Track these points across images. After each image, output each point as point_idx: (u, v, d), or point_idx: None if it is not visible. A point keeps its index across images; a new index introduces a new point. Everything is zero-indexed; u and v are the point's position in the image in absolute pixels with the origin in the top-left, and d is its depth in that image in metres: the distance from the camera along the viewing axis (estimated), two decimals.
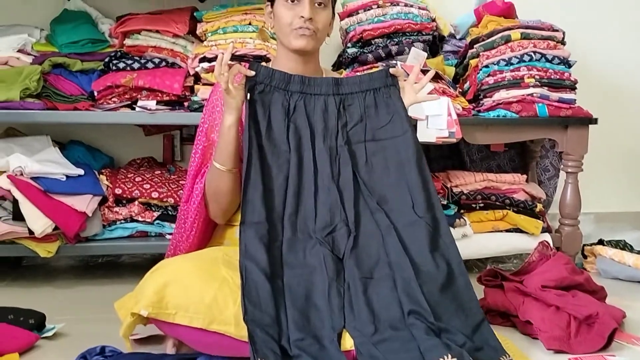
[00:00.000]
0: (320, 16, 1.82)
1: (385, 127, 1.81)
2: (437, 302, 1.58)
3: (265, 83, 1.76)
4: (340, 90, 1.82)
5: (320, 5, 1.81)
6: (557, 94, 2.52)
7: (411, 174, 1.76)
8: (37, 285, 2.38)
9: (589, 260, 2.67)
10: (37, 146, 2.42)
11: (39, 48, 2.45)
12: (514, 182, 2.63)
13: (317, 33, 1.82)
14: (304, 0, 1.78)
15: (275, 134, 1.75)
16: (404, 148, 1.78)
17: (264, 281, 1.55)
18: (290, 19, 1.79)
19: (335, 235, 1.68)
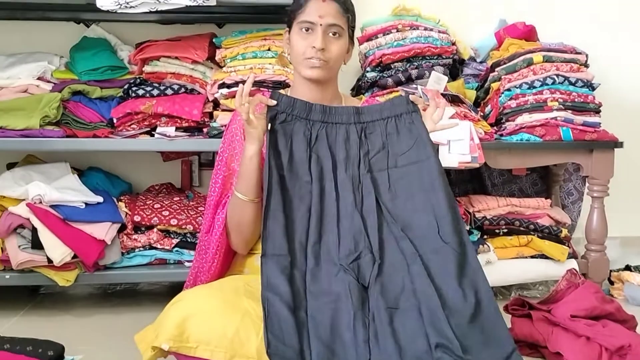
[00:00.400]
0: (334, 46, 1.80)
1: (408, 153, 1.77)
2: (465, 334, 1.52)
3: (287, 112, 1.74)
4: (362, 118, 1.79)
5: (334, 35, 1.80)
6: (581, 118, 2.48)
7: (436, 199, 1.71)
8: (55, 314, 2.36)
9: (616, 287, 2.62)
10: (56, 173, 2.42)
11: (59, 75, 2.45)
12: (538, 207, 2.59)
13: (329, 62, 1.80)
14: (317, 30, 1.78)
15: (297, 164, 1.73)
16: (427, 173, 1.74)
17: (287, 313, 1.52)
18: (303, 48, 1.79)
19: (360, 262, 1.65)
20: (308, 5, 1.79)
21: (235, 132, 1.87)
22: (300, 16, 1.79)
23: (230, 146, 1.87)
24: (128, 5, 2.18)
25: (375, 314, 1.56)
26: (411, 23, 2.57)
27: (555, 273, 2.46)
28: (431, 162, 1.75)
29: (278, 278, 1.58)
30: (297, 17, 1.80)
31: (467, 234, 1.73)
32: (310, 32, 1.79)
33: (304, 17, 1.78)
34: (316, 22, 1.77)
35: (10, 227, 2.21)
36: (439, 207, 1.71)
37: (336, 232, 1.69)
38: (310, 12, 1.78)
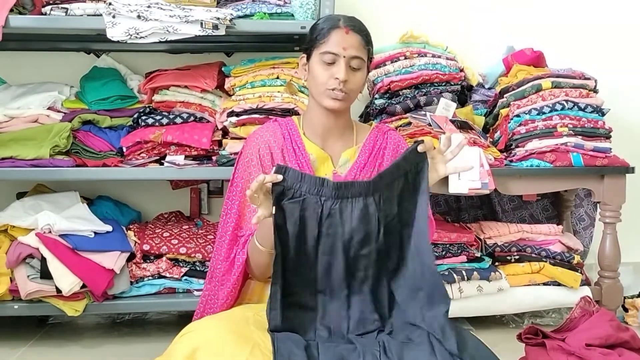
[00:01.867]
0: (355, 78, 1.79)
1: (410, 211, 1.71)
2: None
3: (295, 189, 1.63)
4: (378, 186, 1.68)
5: (356, 67, 1.79)
6: (591, 143, 2.47)
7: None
8: (63, 345, 2.35)
9: (631, 314, 2.59)
10: (66, 202, 2.42)
11: (69, 105, 2.46)
12: (550, 233, 2.57)
13: (350, 94, 1.80)
14: (341, 62, 1.76)
15: (306, 246, 1.65)
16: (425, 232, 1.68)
17: (298, 348, 1.50)
18: (325, 79, 1.78)
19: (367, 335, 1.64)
20: (331, 35, 1.77)
21: (250, 158, 1.84)
22: (323, 47, 1.77)
23: (245, 172, 1.84)
24: (138, 36, 2.19)
25: (386, 347, 1.54)
26: (419, 50, 2.58)
27: (569, 300, 2.44)
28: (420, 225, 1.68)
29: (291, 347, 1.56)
30: (319, 46, 1.78)
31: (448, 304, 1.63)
32: (333, 64, 1.77)
33: (326, 47, 1.76)
34: (340, 53, 1.76)
35: (19, 257, 2.21)
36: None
37: (346, 307, 1.67)
38: (333, 44, 1.76)
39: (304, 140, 1.87)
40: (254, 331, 1.58)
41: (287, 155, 1.84)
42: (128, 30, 2.19)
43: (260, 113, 2.32)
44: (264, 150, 1.83)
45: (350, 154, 1.89)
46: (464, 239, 2.48)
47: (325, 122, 1.85)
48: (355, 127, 1.94)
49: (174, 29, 2.20)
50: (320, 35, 1.79)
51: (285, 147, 1.85)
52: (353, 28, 1.78)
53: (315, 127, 1.88)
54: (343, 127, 1.89)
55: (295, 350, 1.49)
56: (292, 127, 1.89)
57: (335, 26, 1.77)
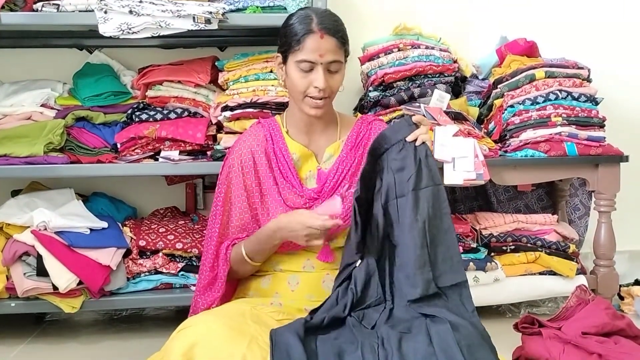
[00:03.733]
0: (334, 80, 1.78)
1: (413, 178, 1.73)
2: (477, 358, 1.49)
3: None
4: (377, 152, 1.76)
5: (334, 70, 1.77)
6: (585, 132, 2.48)
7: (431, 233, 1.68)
8: (61, 342, 2.35)
9: (626, 302, 2.60)
10: (61, 199, 2.41)
11: (62, 102, 2.45)
12: (545, 223, 2.58)
13: (330, 97, 1.80)
14: (318, 69, 1.74)
15: None
16: (429, 202, 1.70)
17: (296, 341, 1.49)
18: (304, 86, 1.76)
19: (368, 310, 1.65)
20: (306, 42, 1.73)
21: (232, 164, 1.88)
22: (299, 54, 1.74)
23: (227, 178, 1.89)
24: (130, 31, 2.18)
25: (384, 339, 1.54)
26: (412, 42, 2.58)
27: (564, 289, 2.45)
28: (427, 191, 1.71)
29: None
30: (295, 53, 1.75)
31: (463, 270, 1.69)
32: (310, 71, 1.75)
33: (302, 55, 1.73)
34: (317, 61, 1.73)
35: (15, 254, 2.20)
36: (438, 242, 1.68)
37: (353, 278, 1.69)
38: (309, 51, 1.73)
39: (287, 140, 1.89)
40: (251, 325, 1.58)
41: (271, 158, 1.87)
42: (120, 26, 2.18)
43: (254, 107, 2.32)
44: (246, 156, 1.87)
45: (334, 149, 1.90)
46: (460, 230, 2.48)
47: (307, 120, 1.86)
48: (340, 120, 1.94)
49: (167, 24, 2.19)
50: (295, 42, 1.75)
51: (267, 149, 1.88)
52: (328, 31, 1.74)
53: (298, 123, 1.89)
54: (326, 122, 1.90)
55: (292, 344, 1.49)
56: (275, 128, 1.91)
57: (309, 31, 1.73)
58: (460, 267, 1.68)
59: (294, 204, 1.84)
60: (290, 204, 1.84)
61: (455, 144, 2.31)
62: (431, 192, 1.70)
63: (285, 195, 1.85)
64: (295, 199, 1.84)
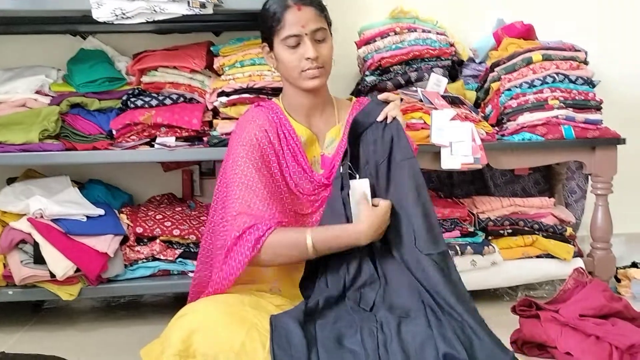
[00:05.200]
0: (324, 50, 1.78)
1: (386, 160, 1.77)
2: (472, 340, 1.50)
3: None
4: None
5: (320, 38, 1.78)
6: (582, 115, 2.47)
7: (408, 206, 1.71)
8: (59, 329, 2.34)
9: (623, 284, 2.61)
10: (57, 187, 2.40)
11: (57, 88, 2.43)
12: (542, 206, 2.58)
13: (325, 67, 1.80)
14: (305, 40, 1.75)
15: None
16: (406, 175, 1.73)
17: (295, 326, 1.50)
18: (296, 62, 1.76)
19: (364, 290, 1.66)
20: (285, 18, 1.75)
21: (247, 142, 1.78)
22: (282, 31, 1.75)
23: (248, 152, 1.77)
24: (124, 16, 2.17)
25: (383, 323, 1.55)
26: (409, 25, 2.57)
27: (562, 272, 2.45)
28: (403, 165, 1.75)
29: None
30: (278, 32, 1.76)
31: (445, 243, 1.72)
32: (298, 45, 1.76)
33: (286, 31, 1.74)
34: (301, 33, 1.74)
35: (12, 242, 2.20)
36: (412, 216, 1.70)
37: (346, 258, 1.70)
38: (291, 25, 1.74)
39: (292, 121, 1.87)
40: (250, 312, 1.59)
41: (282, 140, 1.83)
42: (114, 11, 2.16)
43: (250, 92, 2.30)
44: (260, 134, 1.80)
45: (335, 133, 1.89)
46: (457, 214, 2.48)
47: (305, 101, 1.85)
48: (336, 103, 1.94)
49: (161, 9, 2.17)
50: (275, 21, 1.76)
51: (278, 131, 1.84)
52: (303, 2, 1.76)
53: (297, 108, 1.88)
54: (323, 104, 1.89)
55: (292, 329, 1.50)
56: (278, 111, 1.88)
57: (285, 6, 1.75)
58: (441, 237, 1.72)
59: (303, 190, 1.82)
60: (300, 189, 1.82)
61: (452, 128, 2.33)
62: (404, 166, 1.74)
63: (296, 180, 1.82)
64: (305, 185, 1.83)
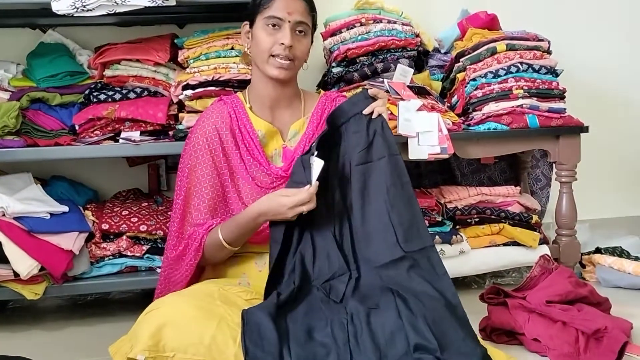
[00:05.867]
0: (300, 44, 1.79)
1: (364, 151, 1.77)
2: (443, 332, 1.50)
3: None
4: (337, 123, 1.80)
5: (300, 33, 1.79)
6: (546, 104, 2.50)
7: (393, 202, 1.71)
8: (25, 329, 2.31)
9: (588, 270, 2.66)
10: (19, 184, 2.34)
11: (16, 83, 2.38)
12: (508, 195, 2.61)
13: (294, 61, 1.79)
14: (285, 27, 1.76)
15: None
16: (386, 172, 1.74)
17: (267, 320, 1.50)
18: (269, 44, 1.77)
19: (334, 282, 1.66)
20: (276, 0, 1.76)
21: (197, 143, 1.84)
22: (267, 11, 1.76)
23: (192, 157, 1.84)
24: (85, 9, 2.12)
25: (354, 314, 1.55)
26: (374, 16, 2.56)
27: (528, 259, 2.48)
28: (383, 162, 1.75)
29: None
30: (263, 11, 1.77)
31: (430, 238, 1.72)
32: (277, 29, 1.76)
33: (271, 12, 1.76)
34: (284, 18, 1.75)
35: None
36: (401, 209, 1.70)
37: (311, 250, 1.70)
38: (278, 8, 1.76)
39: (251, 116, 1.87)
40: (220, 305, 1.58)
41: (236, 135, 1.84)
42: (74, 3, 2.11)
43: (216, 85, 2.28)
44: (211, 134, 1.83)
45: (299, 126, 1.89)
46: (425, 204, 2.50)
47: (272, 92, 1.84)
48: (304, 97, 1.94)
49: (123, 1, 2.13)
50: (265, 1, 1.77)
51: (232, 126, 1.85)
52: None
53: (262, 98, 1.87)
54: (290, 97, 1.89)
55: (264, 323, 1.49)
56: (238, 105, 1.89)
57: None
58: (426, 232, 1.71)
59: (261, 183, 1.82)
60: (258, 182, 1.82)
61: (419, 118, 2.33)
62: (387, 162, 1.74)
63: (253, 174, 1.83)
64: (263, 178, 1.83)
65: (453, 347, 1.46)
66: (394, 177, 1.73)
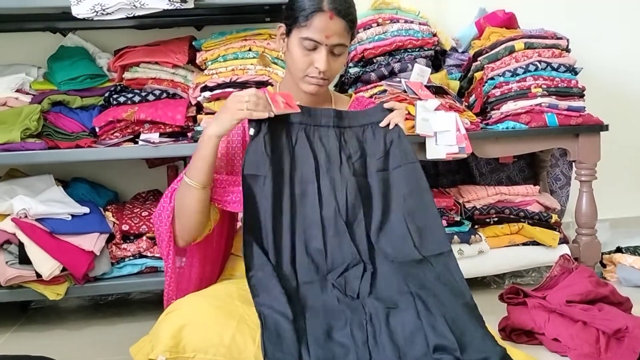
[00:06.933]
0: (335, 64, 1.75)
1: (382, 159, 1.77)
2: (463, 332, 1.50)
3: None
4: (341, 123, 1.77)
5: (337, 54, 1.73)
6: (565, 103, 2.49)
7: (410, 210, 1.71)
8: (47, 329, 2.34)
9: (609, 269, 2.64)
10: (41, 186, 2.38)
11: (37, 87, 2.42)
12: (527, 194, 2.60)
13: (329, 79, 1.77)
14: (322, 50, 1.69)
15: (277, 171, 1.67)
16: (403, 180, 1.73)
17: (285, 321, 1.50)
18: (304, 65, 1.72)
19: (347, 275, 1.65)
20: (314, 20, 1.68)
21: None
22: (304, 31, 1.69)
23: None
24: (104, 12, 2.15)
25: (372, 315, 1.55)
26: (391, 16, 2.57)
27: (548, 259, 2.48)
28: (405, 169, 1.74)
29: (270, 289, 1.57)
30: (300, 29, 1.70)
31: (449, 244, 1.72)
32: (313, 50, 1.71)
33: (308, 33, 1.69)
34: (322, 41, 1.69)
35: None
36: (418, 216, 1.70)
37: (321, 240, 1.67)
38: (316, 30, 1.68)
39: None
40: (239, 306, 1.59)
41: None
42: (94, 7, 2.14)
43: (234, 86, 2.29)
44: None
45: None
46: (444, 204, 2.49)
47: (303, 97, 1.82)
48: (334, 99, 1.93)
49: (141, 4, 2.15)
50: (302, 18, 1.70)
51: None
52: (338, 12, 1.69)
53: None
54: (321, 100, 1.88)
55: (282, 323, 1.50)
56: None
57: (319, 9, 1.68)
58: (444, 238, 1.71)
59: None
60: None
61: (437, 118, 2.34)
62: (404, 170, 1.73)
63: None
64: None
65: (472, 347, 1.46)
66: (412, 184, 1.72)
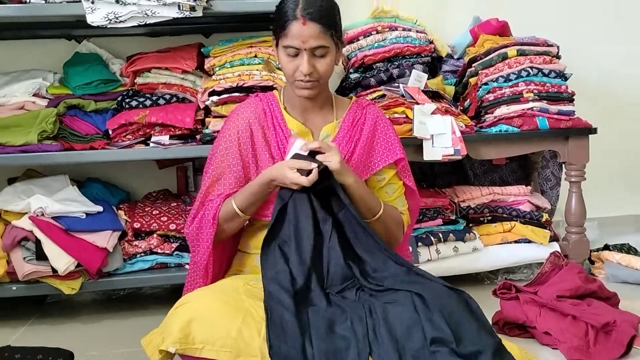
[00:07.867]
0: (321, 65, 1.78)
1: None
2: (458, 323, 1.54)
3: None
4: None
5: (320, 55, 1.78)
6: (556, 107, 2.58)
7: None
8: (62, 322, 2.41)
9: (597, 266, 2.71)
10: (56, 186, 2.46)
11: (54, 91, 2.50)
12: (519, 194, 2.69)
13: (319, 81, 1.81)
14: (303, 54, 1.76)
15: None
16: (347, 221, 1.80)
17: (289, 316, 1.55)
18: (291, 70, 1.78)
19: (345, 292, 1.71)
20: (290, 29, 1.74)
21: (230, 134, 1.89)
22: (284, 39, 1.76)
23: (222, 147, 1.89)
24: (117, 20, 2.23)
25: (372, 308, 1.60)
26: (390, 24, 2.64)
27: (539, 256, 2.56)
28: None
29: (280, 292, 1.62)
30: (281, 38, 1.78)
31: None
32: (296, 56, 1.77)
33: (287, 41, 1.75)
34: (300, 47, 1.74)
35: (14, 240, 2.26)
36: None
37: (327, 261, 1.74)
38: (292, 37, 1.74)
39: (285, 115, 1.90)
40: (245, 300, 1.63)
41: (268, 132, 1.88)
42: (107, 15, 2.23)
43: (240, 91, 2.38)
44: (243, 127, 1.87)
45: (331, 129, 1.92)
46: (439, 203, 2.58)
47: (303, 101, 1.88)
48: (335, 101, 1.97)
49: (152, 12, 2.24)
50: (280, 27, 1.77)
51: (266, 123, 1.89)
52: (311, 17, 1.72)
53: (294, 102, 1.91)
54: (322, 103, 1.92)
55: (286, 317, 1.54)
56: (273, 102, 1.92)
57: (293, 17, 1.73)
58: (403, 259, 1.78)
59: None
60: None
61: (433, 121, 2.42)
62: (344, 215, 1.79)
63: None
64: None
65: (468, 339, 1.50)
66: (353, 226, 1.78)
